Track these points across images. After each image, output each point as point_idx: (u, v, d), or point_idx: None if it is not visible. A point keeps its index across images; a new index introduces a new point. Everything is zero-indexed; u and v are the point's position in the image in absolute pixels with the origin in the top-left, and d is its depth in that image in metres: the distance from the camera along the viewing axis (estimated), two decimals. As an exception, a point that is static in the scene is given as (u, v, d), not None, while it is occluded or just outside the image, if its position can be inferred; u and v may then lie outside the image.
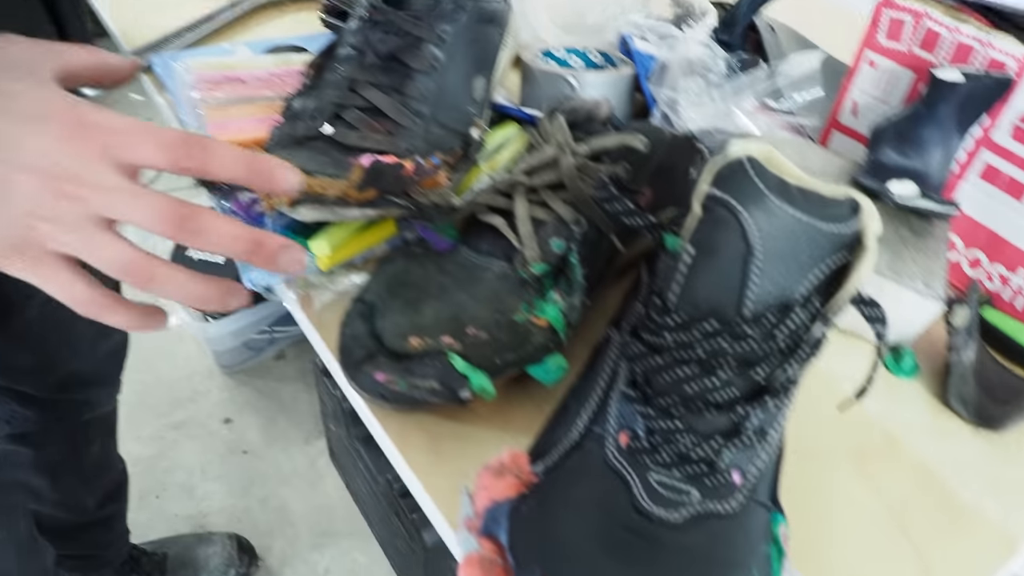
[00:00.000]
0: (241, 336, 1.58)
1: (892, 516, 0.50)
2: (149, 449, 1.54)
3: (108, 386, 1.03)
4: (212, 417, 1.62)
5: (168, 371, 1.68)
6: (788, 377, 0.39)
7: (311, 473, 1.54)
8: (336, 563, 1.41)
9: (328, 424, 1.41)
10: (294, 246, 0.39)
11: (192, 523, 1.44)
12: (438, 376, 0.46)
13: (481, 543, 0.40)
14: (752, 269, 0.37)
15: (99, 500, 1.12)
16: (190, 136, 0.37)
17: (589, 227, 0.51)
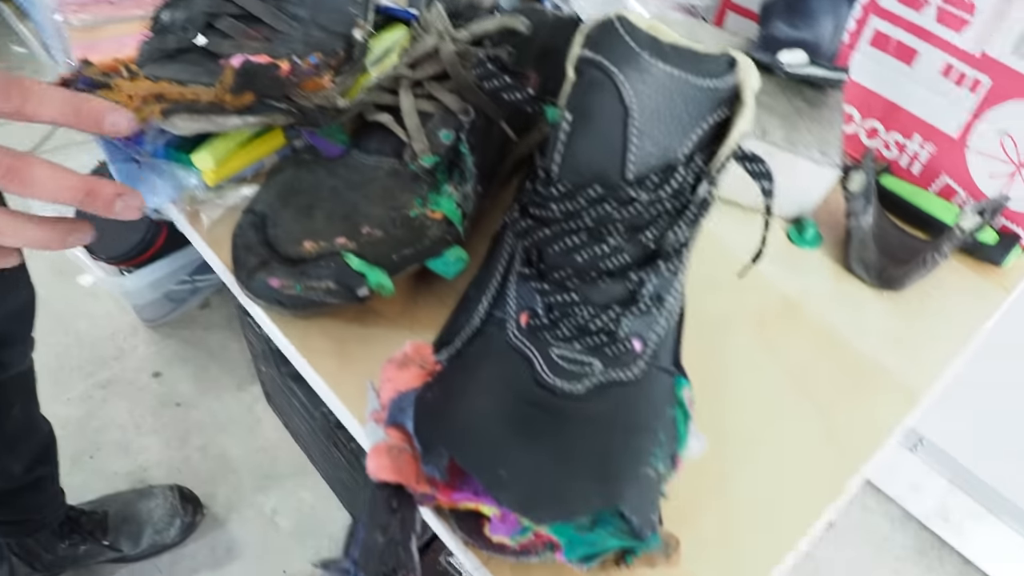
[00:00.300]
0: (160, 287, 1.53)
1: (794, 379, 0.52)
2: (78, 410, 1.50)
3: (19, 344, 1.00)
4: (140, 372, 1.58)
5: (89, 330, 1.63)
6: (678, 240, 0.40)
7: (248, 418, 1.52)
8: (283, 503, 1.41)
9: (259, 366, 1.39)
10: (130, 193, 0.38)
11: (132, 479, 1.42)
12: (334, 276, 0.45)
13: (388, 433, 0.40)
14: (631, 130, 0.37)
15: (26, 464, 1.09)
16: (11, 80, 0.35)
17: (477, 116, 0.50)
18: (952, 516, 1.43)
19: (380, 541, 0.36)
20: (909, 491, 1.47)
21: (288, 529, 1.38)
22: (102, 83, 0.48)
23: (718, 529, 0.43)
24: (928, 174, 0.65)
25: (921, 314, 0.58)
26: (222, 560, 1.34)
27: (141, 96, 0.47)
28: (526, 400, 0.38)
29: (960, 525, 1.43)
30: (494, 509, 0.38)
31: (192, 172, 0.53)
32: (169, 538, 1.32)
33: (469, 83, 0.49)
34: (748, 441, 0.48)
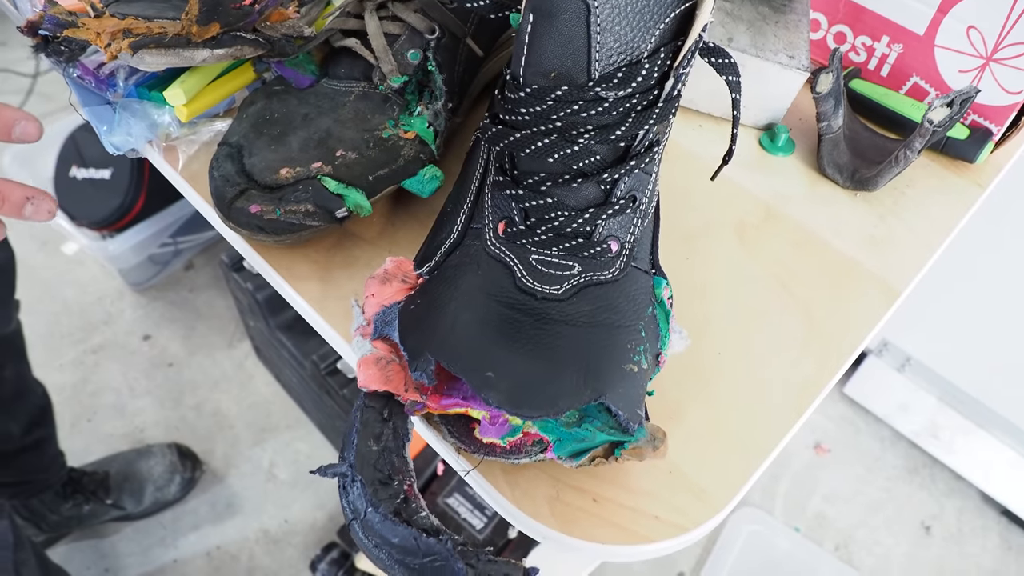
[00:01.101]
0: (143, 250, 1.52)
1: (775, 279, 0.53)
2: (72, 376, 1.51)
3: (3, 307, 1.00)
4: (130, 335, 1.58)
5: (77, 297, 1.63)
6: (649, 138, 0.40)
7: (240, 374, 1.54)
8: (279, 455, 1.43)
9: (247, 321, 1.39)
10: (40, 196, 0.39)
11: (130, 440, 1.44)
12: (312, 199, 0.45)
13: (375, 345, 0.41)
14: (593, 28, 0.37)
15: (24, 426, 1.11)
16: None
17: (443, 34, 0.50)
18: (942, 433, 1.46)
19: (374, 450, 0.38)
20: (898, 411, 1.50)
21: (286, 480, 1.40)
22: (68, 23, 0.48)
23: (704, 425, 0.45)
24: (897, 75, 0.66)
25: (896, 213, 0.59)
26: (223, 514, 1.37)
27: (109, 33, 0.47)
28: (508, 305, 0.39)
29: (950, 442, 1.45)
30: (483, 412, 0.39)
31: (165, 110, 0.53)
32: (170, 495, 1.35)
33: (435, 2, 0.49)
34: (732, 340, 0.49)
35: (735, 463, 0.43)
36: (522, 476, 0.41)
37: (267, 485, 1.40)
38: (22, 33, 0.50)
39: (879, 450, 1.52)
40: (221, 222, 0.49)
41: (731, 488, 0.42)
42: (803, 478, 1.47)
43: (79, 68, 0.53)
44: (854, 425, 1.55)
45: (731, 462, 0.43)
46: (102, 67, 0.54)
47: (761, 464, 0.43)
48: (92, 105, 0.54)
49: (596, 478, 0.41)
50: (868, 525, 1.43)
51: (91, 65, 0.54)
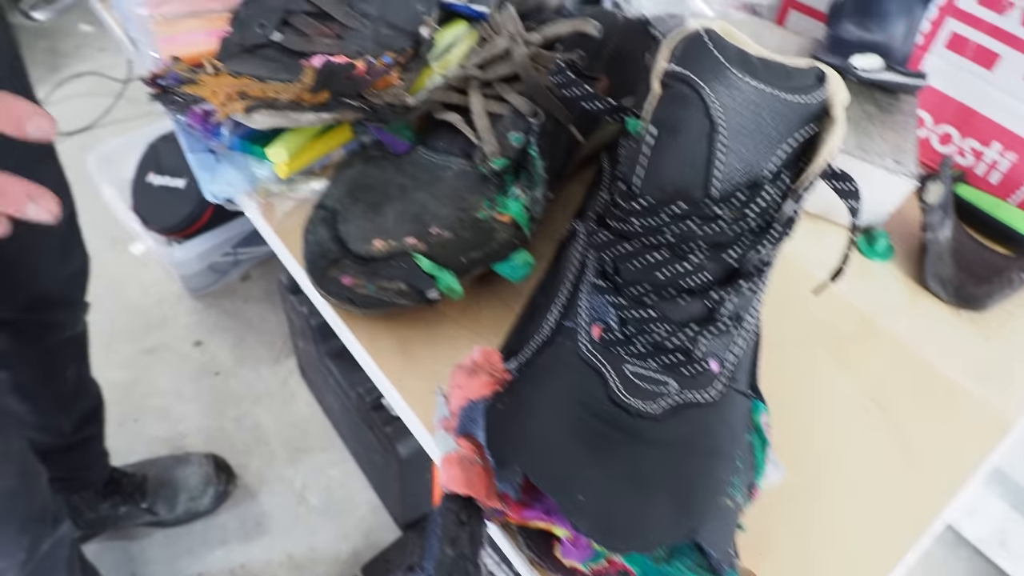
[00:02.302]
0: (206, 259, 1.55)
1: (873, 400, 0.50)
2: (124, 375, 1.53)
3: (73, 307, 1.03)
4: (183, 340, 1.60)
5: (138, 297, 1.66)
6: (761, 259, 0.39)
7: (283, 391, 1.54)
8: (312, 479, 1.43)
9: (297, 342, 1.40)
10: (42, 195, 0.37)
11: (170, 445, 1.45)
12: (405, 277, 0.45)
13: (459, 442, 0.40)
14: (717, 146, 0.36)
15: (76, 423, 1.13)
16: None
17: (547, 119, 0.50)
18: (1011, 543, 1.36)
19: (450, 555, 0.37)
20: (965, 515, 1.41)
21: (316, 505, 1.40)
22: (188, 79, 0.48)
23: (795, 564, 0.43)
24: (1008, 184, 0.63)
25: (1004, 335, 0.56)
26: (251, 533, 1.37)
27: (225, 92, 0.47)
28: (600, 418, 0.38)
29: (1019, 552, 1.36)
30: (567, 532, 0.38)
31: (264, 164, 0.53)
32: (203, 506, 1.35)
33: (541, 87, 0.49)
34: (824, 469, 0.47)
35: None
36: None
37: (297, 508, 1.39)
38: (144, 83, 0.51)
39: (941, 554, 1.46)
40: (310, 286, 0.48)
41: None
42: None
43: (189, 116, 0.54)
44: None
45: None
46: (210, 116, 0.54)
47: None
48: (197, 152, 0.55)
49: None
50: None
51: (200, 113, 0.54)
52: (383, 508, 1.39)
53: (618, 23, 0.53)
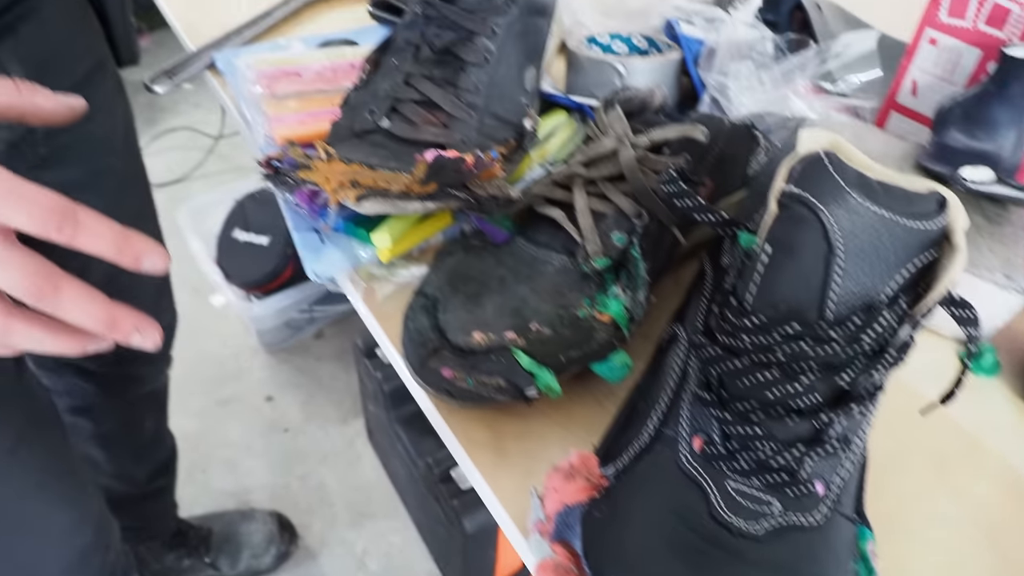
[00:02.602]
0: (284, 315, 1.60)
1: (980, 528, 0.48)
2: (196, 425, 1.57)
3: (158, 362, 1.07)
4: (255, 394, 1.64)
5: (215, 348, 1.71)
6: (874, 382, 0.38)
7: (349, 453, 1.55)
8: (373, 544, 1.43)
9: (367, 405, 1.42)
10: (148, 325, 0.39)
11: (235, 499, 1.47)
12: (504, 373, 0.45)
13: (554, 548, 0.39)
14: (834, 269, 0.36)
15: (150, 474, 1.16)
16: (66, 207, 0.36)
17: (650, 220, 0.50)
18: None
19: (539, 660, 0.36)
20: None
21: (376, 572, 1.40)
22: (303, 164, 0.50)
23: None
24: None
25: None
26: (309, 595, 1.37)
27: (338, 179, 0.49)
28: (699, 534, 0.37)
29: None
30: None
31: (367, 247, 0.55)
32: (264, 564, 1.36)
33: (646, 189, 0.49)
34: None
35: None
36: None
37: (356, 573, 1.39)
38: (259, 164, 0.53)
39: None
40: (407, 373, 0.49)
41: None
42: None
43: (297, 195, 0.56)
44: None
45: None
46: (317, 197, 0.56)
47: None
48: (302, 231, 0.57)
49: None
50: None
51: (307, 193, 0.56)
52: (442, 581, 1.38)
53: (724, 128, 0.54)
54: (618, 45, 0.79)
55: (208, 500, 1.46)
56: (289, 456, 1.54)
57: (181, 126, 2.24)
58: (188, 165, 2.13)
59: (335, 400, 1.64)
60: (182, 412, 1.55)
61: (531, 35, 0.61)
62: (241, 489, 1.49)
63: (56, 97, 0.43)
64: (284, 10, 0.86)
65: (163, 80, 0.75)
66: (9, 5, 0.61)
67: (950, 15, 0.67)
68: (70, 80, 0.70)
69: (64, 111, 0.44)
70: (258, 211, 1.61)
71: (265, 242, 1.57)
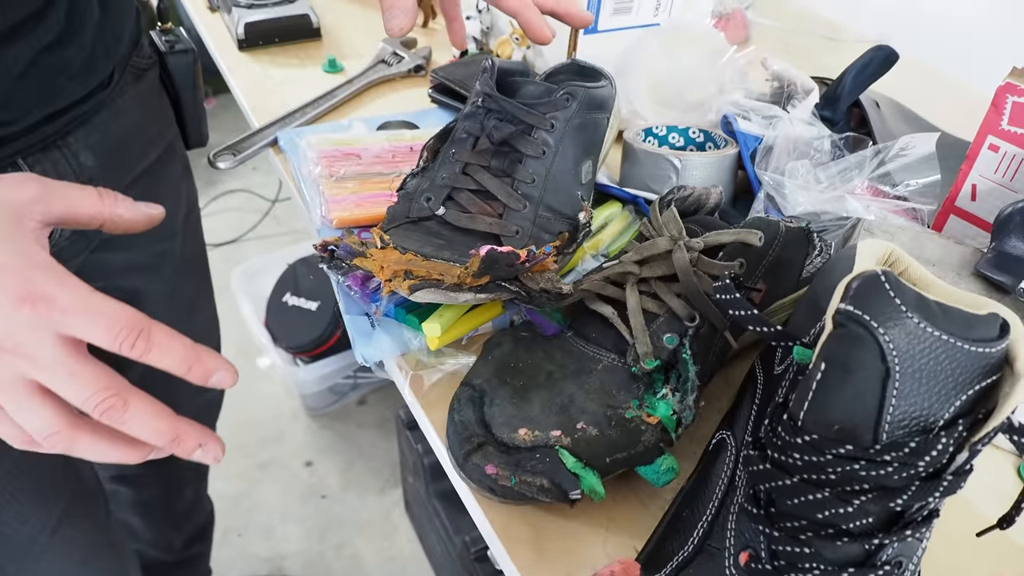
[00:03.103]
0: (328, 381, 1.61)
1: None
2: (235, 487, 1.57)
3: None
4: (295, 458, 1.64)
5: (257, 410, 1.72)
6: (929, 508, 0.37)
7: (385, 524, 1.54)
8: (406, 619, 1.41)
9: (406, 476, 1.41)
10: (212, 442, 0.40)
11: (269, 565, 1.46)
12: (548, 473, 0.45)
13: (592, 660, 0.38)
14: (890, 391, 0.35)
15: (186, 540, 1.15)
16: (139, 322, 0.37)
17: (703, 323, 0.50)
18: None
19: None
20: None
21: (408, 647, 1.37)
22: (358, 252, 0.52)
23: None
24: None
25: None
26: (336, 671, 1.35)
27: (392, 269, 0.50)
28: (743, 656, 0.36)
29: None
30: None
31: (416, 334, 0.56)
32: (294, 633, 1.34)
33: (699, 291, 0.49)
34: None
35: None
36: None
37: (387, 649, 1.37)
38: (315, 248, 0.55)
39: None
40: (450, 466, 0.49)
41: None
42: None
43: (351, 279, 0.57)
44: None
45: None
46: (369, 281, 0.57)
47: None
48: (353, 314, 0.58)
49: None
50: None
51: (360, 277, 0.58)
52: (472, 664, 1.34)
53: (778, 231, 0.54)
54: (675, 137, 0.80)
55: (242, 564, 1.45)
56: (325, 523, 1.54)
57: (239, 188, 2.31)
58: (244, 226, 2.19)
59: (374, 469, 1.63)
60: (222, 474, 1.57)
61: (589, 129, 0.62)
62: (276, 555, 1.48)
63: (137, 207, 0.44)
64: (347, 90, 0.89)
65: (226, 157, 0.77)
66: (86, 97, 0.61)
67: (1011, 123, 0.66)
68: (140, 166, 0.71)
69: (143, 221, 0.45)
70: (309, 276, 1.64)
71: (314, 307, 1.60)
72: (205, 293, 0.94)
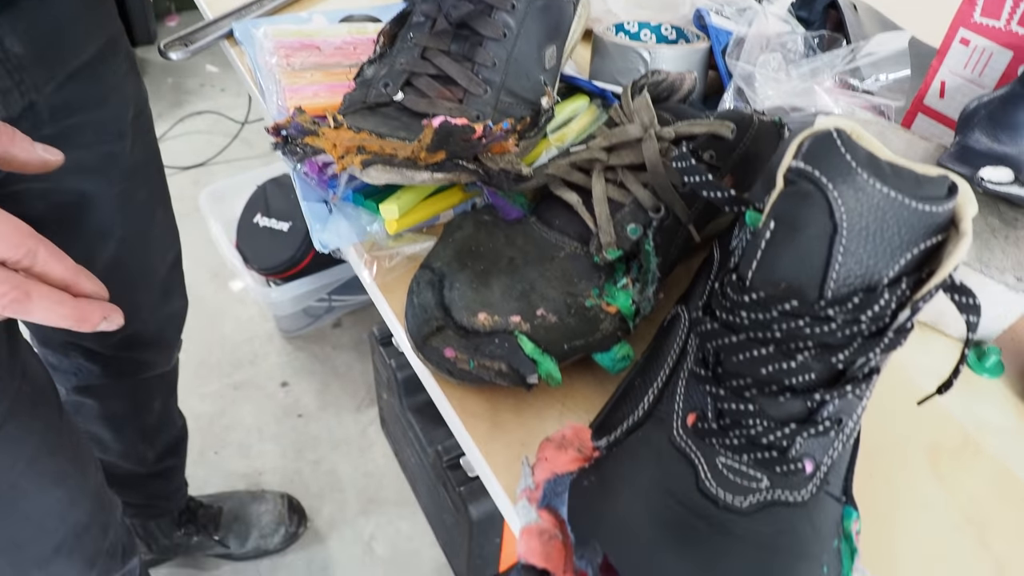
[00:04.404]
0: (301, 302, 1.60)
1: (969, 521, 0.48)
2: (210, 407, 1.58)
3: (166, 348, 1.06)
4: (270, 379, 1.65)
5: (231, 332, 1.72)
6: (871, 365, 0.38)
7: (362, 440, 1.56)
8: (381, 530, 1.43)
9: (381, 393, 1.42)
10: (113, 312, 0.44)
11: (247, 480, 1.48)
12: (507, 358, 0.45)
13: (540, 515, 0.39)
14: (837, 248, 0.35)
15: (159, 453, 1.16)
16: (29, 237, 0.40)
17: (667, 215, 0.50)
18: None
19: (520, 625, 0.36)
20: None
21: (383, 556, 1.40)
22: (310, 131, 0.51)
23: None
24: None
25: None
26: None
27: (344, 146, 0.49)
28: (686, 506, 0.37)
29: None
30: (640, 616, 0.36)
31: (375, 219, 0.55)
32: (272, 544, 1.37)
33: (668, 183, 0.49)
34: (909, 582, 0.44)
35: None
36: None
37: (364, 557, 1.39)
38: (267, 131, 0.54)
39: None
40: (408, 346, 0.49)
41: None
42: None
43: (307, 166, 0.56)
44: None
45: None
46: (327, 168, 0.57)
47: None
48: (311, 201, 0.57)
49: None
50: None
51: (318, 164, 0.57)
52: (448, 568, 1.38)
53: (752, 124, 0.53)
54: (646, 34, 0.79)
55: (219, 480, 1.47)
56: (302, 441, 1.55)
57: (207, 110, 2.25)
58: (212, 149, 2.14)
59: (350, 389, 1.64)
60: (196, 394, 1.57)
61: (553, 12, 0.60)
62: (253, 471, 1.50)
63: (33, 149, 0.45)
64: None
65: (178, 47, 0.74)
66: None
67: (983, 14, 0.65)
68: (78, 59, 0.67)
69: (36, 163, 0.45)
70: (280, 197, 1.61)
71: (285, 228, 1.58)
72: (162, 202, 0.92)
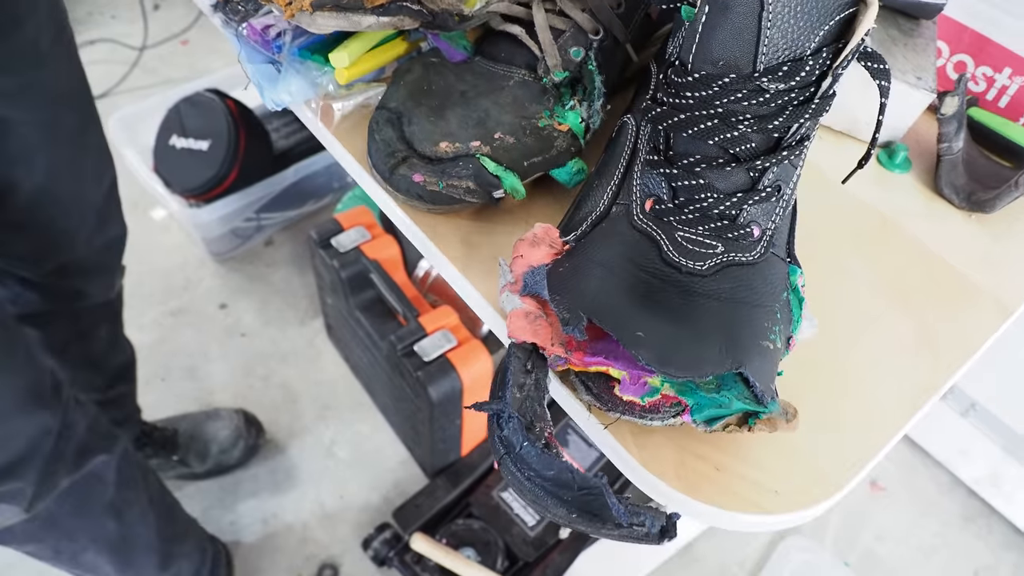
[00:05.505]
0: (228, 222, 1.58)
1: (891, 286, 0.55)
2: (150, 336, 1.57)
3: (105, 276, 1.05)
4: (208, 303, 1.64)
5: (161, 261, 1.69)
6: (802, 132, 0.43)
7: (309, 351, 1.58)
8: (340, 434, 1.47)
9: (325, 299, 1.44)
10: None
11: (199, 402, 1.49)
12: (473, 176, 0.48)
13: (524, 301, 0.43)
14: (765, 23, 0.40)
15: (109, 380, 1.16)
16: None
17: (606, 36, 0.53)
18: (1003, 484, 1.42)
19: (518, 396, 0.40)
20: (959, 456, 1.47)
21: (345, 458, 1.44)
22: (255, -19, 0.51)
23: (821, 412, 0.47)
24: (1016, 107, 0.67)
25: (1011, 236, 0.61)
26: (282, 484, 1.41)
27: (291, -7, 0.50)
28: (653, 275, 0.42)
29: (1011, 494, 1.42)
30: (624, 372, 0.41)
31: (325, 72, 0.57)
32: (233, 458, 1.39)
33: (603, 4, 0.52)
34: (848, 338, 0.51)
35: (850, 451, 0.45)
36: (649, 440, 0.43)
37: (326, 461, 1.43)
38: (209, -10, 0.54)
39: (936, 494, 1.50)
40: (374, 183, 0.52)
41: (848, 472, 0.44)
42: (856, 514, 1.46)
43: (248, 28, 0.57)
44: (912, 466, 1.53)
45: (846, 450, 0.45)
46: (269, 29, 0.58)
47: (874, 457, 0.45)
48: (256, 63, 0.58)
49: (719, 449, 0.43)
50: (919, 569, 1.41)
51: (259, 28, 0.57)
52: (411, 461, 1.43)
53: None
54: None
55: (171, 405, 1.47)
56: (249, 359, 1.56)
57: (99, 38, 2.14)
58: (111, 80, 2.04)
59: (291, 303, 1.65)
60: (133, 325, 1.55)
61: None
62: (203, 392, 1.51)
63: None
64: None
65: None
66: None
67: None
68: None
69: None
70: (195, 115, 1.56)
71: (205, 147, 1.54)
72: (93, 125, 0.90)
